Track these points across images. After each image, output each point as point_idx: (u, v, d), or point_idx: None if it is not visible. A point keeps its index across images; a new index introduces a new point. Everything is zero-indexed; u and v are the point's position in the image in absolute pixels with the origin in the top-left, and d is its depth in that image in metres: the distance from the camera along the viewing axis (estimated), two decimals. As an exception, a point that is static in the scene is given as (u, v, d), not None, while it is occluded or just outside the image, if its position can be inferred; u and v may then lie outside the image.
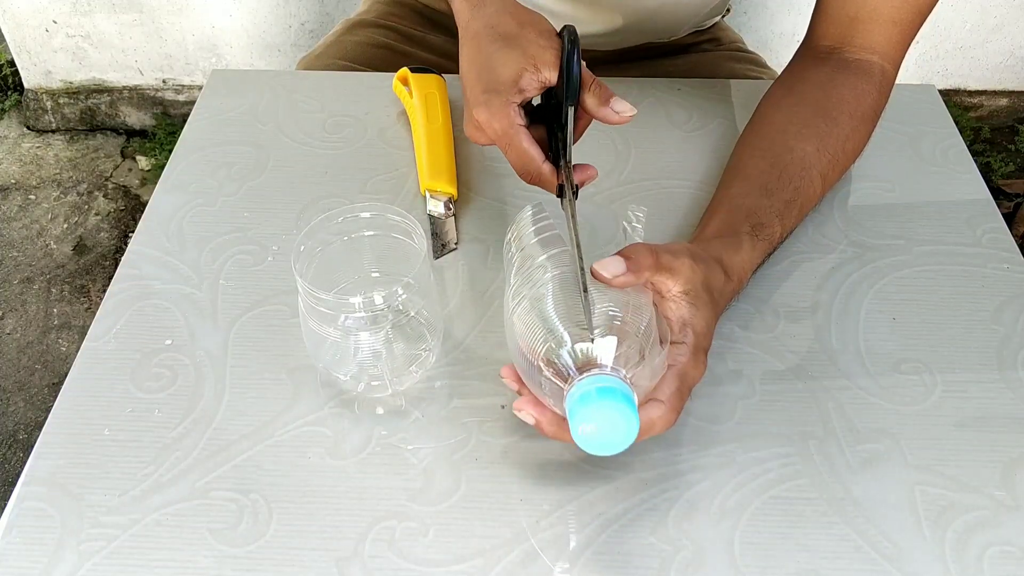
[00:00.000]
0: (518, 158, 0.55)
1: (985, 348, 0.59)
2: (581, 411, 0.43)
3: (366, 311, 0.50)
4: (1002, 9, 1.68)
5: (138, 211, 1.72)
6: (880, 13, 0.65)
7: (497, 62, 0.54)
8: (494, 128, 0.54)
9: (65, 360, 1.46)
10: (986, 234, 0.66)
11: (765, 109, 0.68)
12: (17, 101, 1.91)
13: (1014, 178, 1.79)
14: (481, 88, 0.54)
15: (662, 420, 0.47)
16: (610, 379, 0.43)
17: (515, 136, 0.54)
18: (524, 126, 0.54)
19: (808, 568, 0.48)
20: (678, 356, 0.49)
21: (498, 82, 0.54)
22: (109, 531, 0.50)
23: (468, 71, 0.56)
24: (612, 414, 0.42)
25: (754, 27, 1.71)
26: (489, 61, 0.55)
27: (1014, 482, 0.52)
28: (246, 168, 0.71)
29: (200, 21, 1.71)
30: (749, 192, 0.61)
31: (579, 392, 0.43)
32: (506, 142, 0.54)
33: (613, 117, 0.54)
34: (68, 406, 0.55)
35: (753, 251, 0.57)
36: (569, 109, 0.53)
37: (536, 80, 0.54)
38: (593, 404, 0.42)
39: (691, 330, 0.49)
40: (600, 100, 0.54)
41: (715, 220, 0.60)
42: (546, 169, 0.55)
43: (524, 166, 0.55)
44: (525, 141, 0.54)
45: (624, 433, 0.43)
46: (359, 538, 0.49)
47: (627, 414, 0.42)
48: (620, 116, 0.54)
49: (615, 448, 0.43)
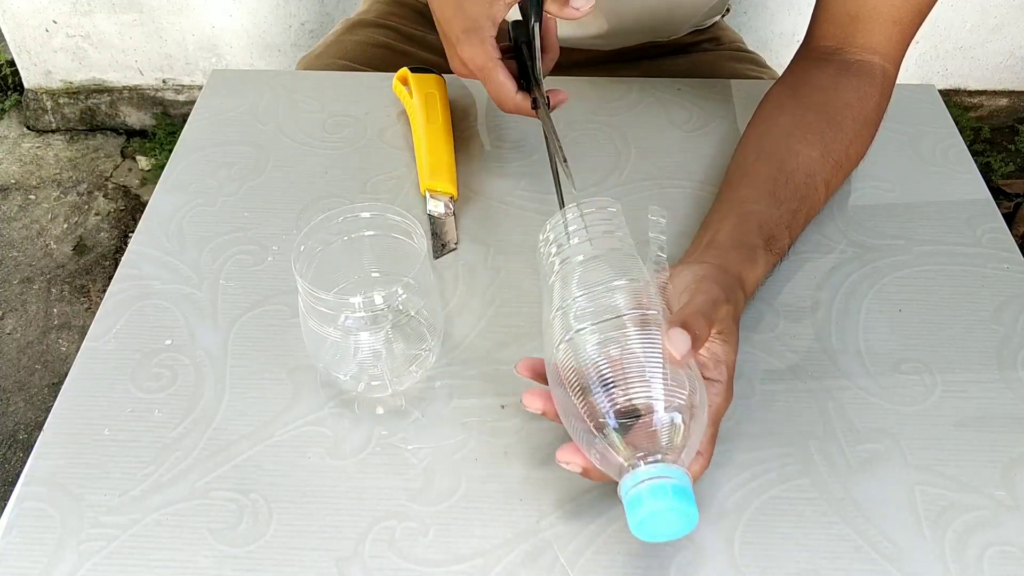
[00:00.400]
0: (496, 89, 0.61)
1: (985, 348, 0.59)
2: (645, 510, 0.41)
3: (366, 311, 0.50)
4: (1002, 9, 1.68)
5: (138, 211, 1.72)
6: (881, 12, 0.65)
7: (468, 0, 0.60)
8: (476, 63, 0.60)
9: (65, 360, 1.46)
10: (986, 234, 0.66)
11: (768, 111, 0.68)
12: (17, 101, 1.91)
13: (1014, 178, 1.79)
14: (460, 27, 0.60)
15: (701, 471, 0.47)
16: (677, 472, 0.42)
17: (493, 69, 0.60)
18: (500, 59, 0.60)
19: (808, 568, 0.48)
20: (713, 396, 0.48)
21: (473, 19, 0.59)
22: (109, 531, 0.50)
23: (443, 12, 0.62)
24: (675, 516, 0.42)
25: (754, 27, 1.71)
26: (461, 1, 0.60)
27: (1014, 482, 0.52)
28: (246, 168, 0.71)
29: (200, 21, 1.71)
30: (758, 198, 0.61)
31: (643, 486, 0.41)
32: (485, 75, 0.61)
33: (575, 13, 0.59)
34: (68, 406, 0.55)
35: (767, 266, 0.58)
36: (535, 25, 0.60)
37: (503, 3, 0.59)
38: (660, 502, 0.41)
39: (725, 367, 0.49)
40: (560, 2, 0.59)
41: (726, 226, 0.59)
42: (519, 97, 0.61)
43: (501, 96, 0.61)
44: (502, 74, 0.60)
45: (682, 528, 0.42)
46: (359, 538, 0.49)
47: (689, 514, 0.41)
48: (580, 10, 0.59)
49: (670, 538, 0.43)
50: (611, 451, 0.43)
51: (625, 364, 0.44)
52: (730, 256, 0.56)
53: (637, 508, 0.41)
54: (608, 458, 0.43)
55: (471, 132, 0.75)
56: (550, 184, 0.59)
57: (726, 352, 0.49)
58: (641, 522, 0.41)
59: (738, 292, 0.53)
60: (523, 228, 0.66)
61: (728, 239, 0.58)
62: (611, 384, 0.43)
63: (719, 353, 0.49)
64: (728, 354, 0.49)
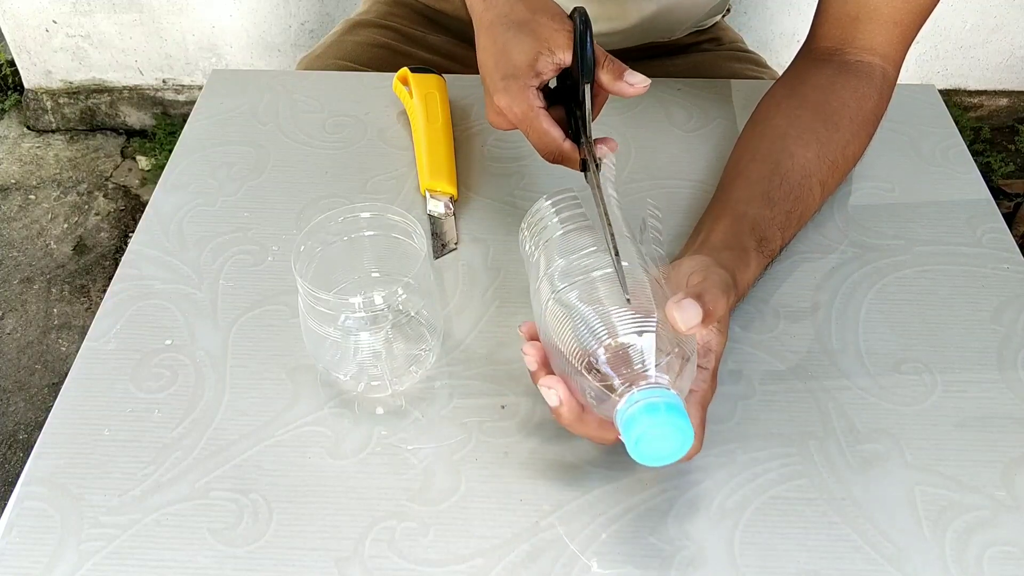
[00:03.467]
0: (539, 138, 0.56)
1: (985, 348, 0.59)
2: (639, 427, 0.42)
3: (366, 311, 0.50)
4: (1002, 9, 1.68)
5: (138, 211, 1.72)
6: (881, 14, 0.65)
7: (513, 48, 0.56)
8: (515, 112, 0.56)
9: (65, 360, 1.46)
10: (986, 234, 0.66)
11: (766, 111, 0.68)
12: (17, 101, 1.91)
13: (1014, 178, 1.79)
14: (499, 75, 0.56)
15: (694, 452, 0.48)
16: (663, 392, 0.43)
17: (535, 118, 0.55)
18: (543, 107, 0.56)
19: (808, 568, 0.48)
20: (700, 382, 0.49)
21: (515, 67, 0.56)
22: (109, 531, 0.50)
23: (485, 60, 0.58)
24: (670, 430, 0.42)
25: (754, 27, 1.71)
26: (505, 48, 0.56)
27: (1014, 482, 0.52)
28: (246, 168, 0.71)
29: (200, 21, 1.71)
30: (751, 199, 0.61)
31: (633, 408, 0.43)
32: (527, 124, 0.56)
33: (628, 90, 0.56)
34: (68, 406, 0.55)
35: (758, 267, 0.58)
36: (585, 87, 0.55)
37: (551, 62, 0.55)
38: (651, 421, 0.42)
39: (714, 356, 0.50)
40: (614, 75, 0.56)
41: (720, 226, 0.59)
42: (567, 146, 0.56)
43: (546, 146, 0.57)
44: (545, 122, 0.56)
45: (680, 446, 0.43)
46: (359, 538, 0.49)
47: (683, 428, 0.42)
48: (635, 88, 0.56)
49: (667, 460, 0.44)
50: (606, 392, 0.44)
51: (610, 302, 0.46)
52: (723, 255, 0.56)
53: (633, 426, 0.42)
54: (604, 400, 0.44)
55: (471, 132, 0.75)
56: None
57: (718, 343, 0.51)
58: (638, 440, 0.42)
59: (733, 290, 0.53)
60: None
61: (721, 240, 0.58)
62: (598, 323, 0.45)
63: (711, 342, 0.50)
64: (719, 345, 0.51)
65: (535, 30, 0.56)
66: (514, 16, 0.57)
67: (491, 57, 0.57)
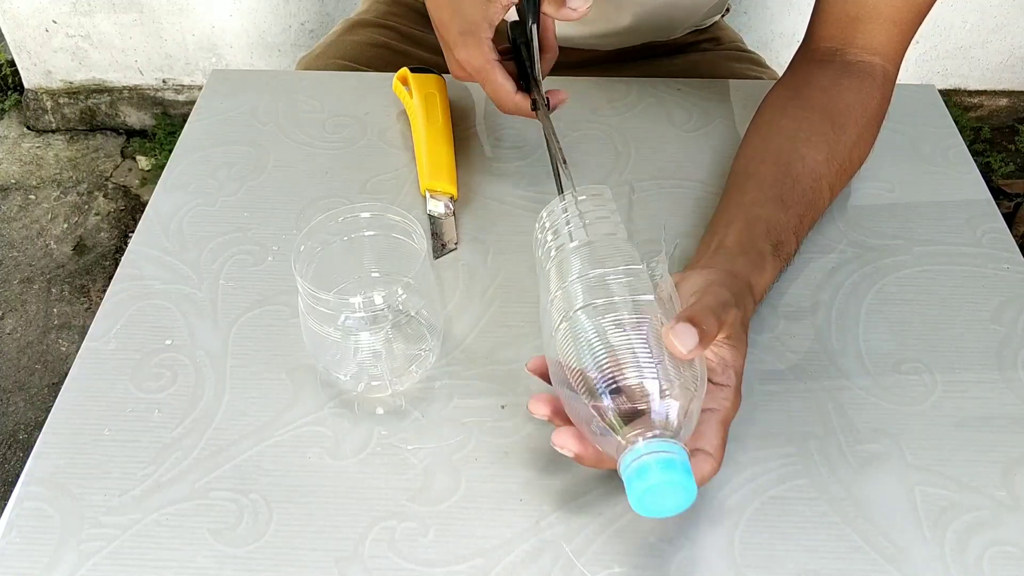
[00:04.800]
0: (494, 91, 0.60)
1: (985, 348, 0.59)
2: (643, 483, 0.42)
3: (366, 311, 0.50)
4: (1002, 9, 1.68)
5: (138, 211, 1.72)
6: (881, 13, 0.65)
7: (464, 2, 0.59)
8: (473, 65, 0.60)
9: (65, 360, 1.46)
10: (986, 234, 0.66)
11: (770, 113, 0.68)
12: (17, 101, 1.91)
13: (1014, 178, 1.79)
14: (456, 30, 0.60)
15: (712, 473, 0.47)
16: (673, 446, 0.42)
17: (491, 71, 0.60)
18: (498, 60, 0.60)
19: (808, 568, 0.48)
20: (722, 400, 0.48)
21: (469, 22, 0.59)
22: (109, 531, 0.50)
23: (440, 15, 0.61)
24: (675, 489, 0.42)
25: (754, 27, 1.71)
26: (457, 2, 0.60)
27: (1014, 482, 0.52)
28: (246, 168, 0.71)
29: (200, 21, 1.71)
30: (765, 201, 0.60)
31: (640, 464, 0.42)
32: (483, 76, 0.60)
33: (572, 15, 0.58)
34: (68, 406, 0.55)
35: (774, 272, 0.58)
36: (532, 26, 0.59)
37: (500, 5, 0.58)
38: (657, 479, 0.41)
39: (733, 372, 0.49)
40: (557, 4, 0.59)
41: (734, 229, 0.58)
42: (518, 98, 0.61)
43: (500, 98, 0.61)
44: (500, 75, 0.60)
45: (682, 502, 0.42)
46: (359, 538, 0.49)
47: (688, 487, 0.42)
48: (578, 12, 0.58)
49: (667, 514, 0.43)
50: (610, 431, 0.43)
51: (620, 344, 0.44)
52: (738, 261, 0.56)
53: (638, 481, 0.41)
54: (607, 437, 0.44)
55: (471, 132, 0.75)
56: (550, 184, 0.59)
57: (734, 357, 0.49)
58: (642, 494, 0.41)
59: (747, 297, 0.53)
60: (523, 228, 0.66)
61: (736, 244, 0.57)
62: (607, 364, 0.44)
63: (727, 358, 0.49)
64: (736, 359, 0.49)
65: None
66: None
67: (446, 12, 0.60)
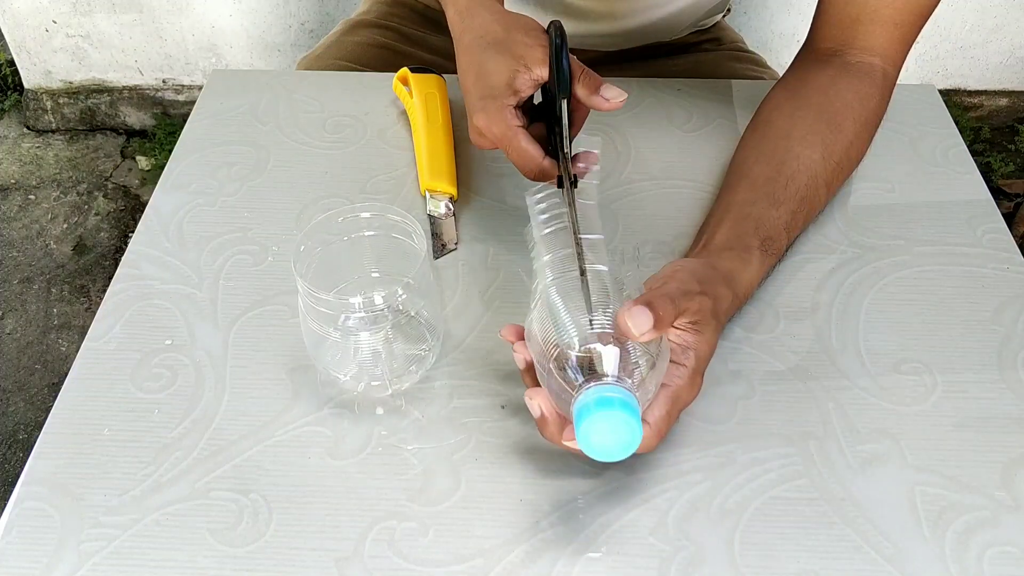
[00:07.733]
0: (519, 157, 0.56)
1: (985, 348, 0.59)
2: (587, 417, 0.43)
3: (366, 311, 0.50)
4: (1002, 9, 1.68)
5: (138, 211, 1.72)
6: (882, 15, 0.65)
7: (489, 68, 0.56)
8: (493, 132, 0.56)
9: (65, 360, 1.46)
10: (986, 234, 0.66)
11: (768, 113, 0.68)
12: (17, 101, 1.91)
13: (1014, 178, 1.79)
14: (478, 95, 0.56)
15: (646, 442, 0.47)
16: (616, 389, 0.44)
17: (513, 137, 0.55)
18: (522, 126, 0.56)
19: (808, 568, 0.48)
20: (675, 378, 0.49)
21: (492, 87, 0.56)
22: (109, 531, 0.50)
23: (465, 81, 0.58)
24: (616, 424, 0.43)
25: (754, 27, 1.71)
26: (482, 69, 0.56)
27: (1014, 482, 0.52)
28: (246, 168, 0.71)
29: (200, 21, 1.71)
30: (756, 200, 0.61)
31: (585, 400, 0.44)
32: (506, 144, 0.56)
33: (604, 104, 0.56)
34: (68, 406, 0.55)
35: (761, 266, 0.58)
36: (562, 102, 0.55)
37: (529, 79, 0.55)
38: (598, 413, 0.43)
39: (693, 353, 0.50)
40: (590, 89, 0.56)
41: (723, 228, 0.59)
42: (546, 164, 0.56)
43: (525, 164, 0.56)
44: (524, 141, 0.55)
45: (627, 442, 0.44)
46: (359, 538, 0.49)
47: (631, 425, 0.43)
48: (610, 103, 0.55)
49: (615, 456, 0.44)
50: (565, 385, 0.45)
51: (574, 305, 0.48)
52: (723, 256, 0.56)
53: (582, 420, 0.43)
54: (563, 393, 0.46)
55: (471, 132, 0.75)
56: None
57: (697, 342, 0.50)
58: (587, 432, 0.43)
59: (721, 288, 0.53)
60: (523, 228, 0.66)
61: (723, 241, 0.58)
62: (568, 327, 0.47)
63: (689, 341, 0.50)
64: (699, 344, 0.50)
65: (510, 48, 0.56)
66: (490, 36, 0.57)
67: (470, 78, 0.57)
